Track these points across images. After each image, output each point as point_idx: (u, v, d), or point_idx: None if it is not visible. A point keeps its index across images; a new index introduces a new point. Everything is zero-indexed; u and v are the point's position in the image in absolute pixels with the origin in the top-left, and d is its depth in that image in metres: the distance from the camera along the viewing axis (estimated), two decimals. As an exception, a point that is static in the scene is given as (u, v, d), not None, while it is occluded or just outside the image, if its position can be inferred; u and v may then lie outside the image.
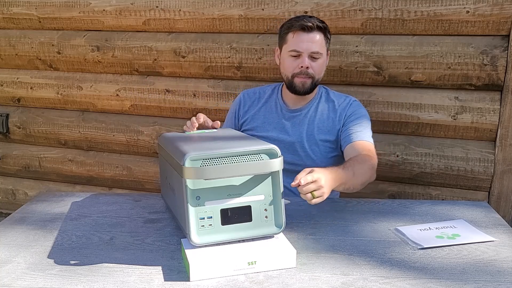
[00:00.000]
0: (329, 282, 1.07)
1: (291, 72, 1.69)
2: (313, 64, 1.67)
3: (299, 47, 1.65)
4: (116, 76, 2.47)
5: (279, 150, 1.16)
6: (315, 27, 1.65)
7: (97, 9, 2.36)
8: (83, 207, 1.54)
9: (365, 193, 2.20)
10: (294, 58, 1.68)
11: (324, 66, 1.73)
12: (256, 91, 1.89)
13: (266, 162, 1.14)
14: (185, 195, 1.13)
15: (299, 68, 1.66)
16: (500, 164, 1.99)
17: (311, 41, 1.65)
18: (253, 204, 1.17)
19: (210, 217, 1.14)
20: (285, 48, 1.70)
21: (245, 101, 1.87)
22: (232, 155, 1.13)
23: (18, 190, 2.81)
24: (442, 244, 1.24)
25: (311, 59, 1.66)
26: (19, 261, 1.18)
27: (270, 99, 1.84)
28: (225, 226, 1.15)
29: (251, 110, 1.85)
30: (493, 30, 1.89)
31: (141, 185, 2.57)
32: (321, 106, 1.77)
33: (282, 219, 1.19)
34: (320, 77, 1.72)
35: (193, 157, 1.11)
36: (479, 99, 1.97)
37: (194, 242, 1.12)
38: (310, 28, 1.64)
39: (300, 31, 1.65)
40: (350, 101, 1.77)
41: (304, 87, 1.69)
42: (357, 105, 1.77)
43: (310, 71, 1.67)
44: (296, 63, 1.67)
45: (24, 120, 2.68)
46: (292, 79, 1.69)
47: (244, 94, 1.90)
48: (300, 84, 1.69)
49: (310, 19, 1.66)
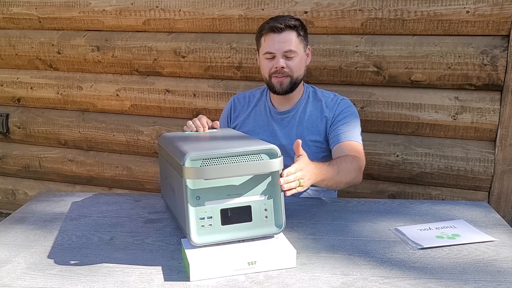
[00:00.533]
0: (329, 282, 1.07)
1: (268, 72, 1.70)
2: (289, 63, 1.67)
3: (271, 48, 1.67)
4: (116, 76, 2.47)
5: (279, 150, 1.16)
6: (285, 27, 1.65)
7: (97, 9, 2.36)
8: (83, 207, 1.54)
9: (365, 193, 2.20)
10: (270, 60, 1.69)
11: (303, 63, 1.72)
12: (246, 95, 1.90)
13: (266, 162, 1.14)
14: (185, 195, 1.13)
15: (274, 68, 1.68)
16: (500, 164, 1.99)
17: (282, 41, 1.65)
18: (253, 204, 1.17)
19: (210, 217, 1.14)
20: (261, 51, 1.73)
21: (235, 106, 1.89)
22: (232, 155, 1.13)
23: (18, 190, 2.81)
24: (442, 244, 1.24)
25: (285, 58, 1.67)
26: (19, 261, 1.18)
27: (260, 102, 1.84)
28: (225, 226, 1.15)
29: (241, 115, 1.86)
30: (493, 30, 1.89)
31: (141, 185, 2.57)
32: (309, 106, 1.77)
33: (282, 219, 1.19)
34: (300, 75, 1.72)
35: (193, 157, 1.10)
36: (479, 99, 1.97)
37: (194, 242, 1.12)
38: (280, 29, 1.65)
39: (271, 33, 1.66)
40: (337, 100, 1.76)
41: (282, 86, 1.69)
42: (344, 103, 1.76)
43: (286, 70, 1.67)
44: (271, 64, 1.69)
45: (24, 120, 2.68)
46: (270, 79, 1.71)
47: (234, 99, 1.91)
48: (278, 84, 1.69)
49: (281, 19, 1.67)
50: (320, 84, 2.12)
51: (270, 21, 1.69)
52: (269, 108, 1.81)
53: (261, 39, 1.71)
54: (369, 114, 2.10)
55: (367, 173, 2.16)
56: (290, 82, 1.69)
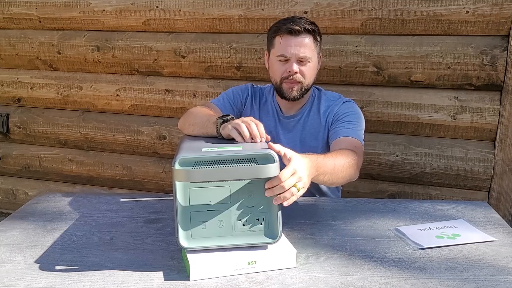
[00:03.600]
0: (329, 282, 1.07)
1: (280, 76, 1.62)
2: (302, 69, 1.59)
3: (286, 51, 1.58)
4: (116, 76, 2.48)
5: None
6: (303, 30, 1.57)
7: (97, 9, 2.36)
8: (83, 207, 1.54)
9: (365, 193, 2.20)
10: (282, 63, 1.60)
11: (314, 70, 1.65)
12: (262, 90, 1.80)
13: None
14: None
15: (287, 72, 1.59)
16: (499, 164, 1.99)
17: (299, 45, 1.57)
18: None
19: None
20: (273, 52, 1.63)
21: (251, 96, 1.78)
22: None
23: (18, 190, 2.81)
24: (442, 244, 1.24)
25: (299, 63, 1.59)
26: (19, 261, 1.18)
27: (267, 102, 1.77)
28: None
29: (252, 108, 1.77)
30: (492, 30, 1.89)
31: (141, 185, 2.57)
32: (313, 110, 1.71)
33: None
34: (311, 82, 1.64)
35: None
36: (478, 99, 1.98)
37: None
38: (298, 32, 1.56)
39: (287, 34, 1.57)
40: (340, 102, 1.69)
41: (292, 92, 1.62)
42: (348, 104, 1.69)
43: (298, 76, 1.59)
44: (284, 68, 1.60)
45: (24, 120, 2.69)
46: (280, 84, 1.63)
47: (251, 88, 1.80)
48: (288, 89, 1.62)
49: (298, 21, 1.58)
50: (320, 84, 2.11)
51: (286, 21, 1.59)
52: (276, 110, 1.74)
53: (275, 39, 1.61)
54: (369, 114, 2.10)
55: (367, 173, 2.16)
56: (300, 88, 1.62)
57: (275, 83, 1.66)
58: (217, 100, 1.75)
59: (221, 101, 1.74)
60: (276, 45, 1.61)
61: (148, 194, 1.72)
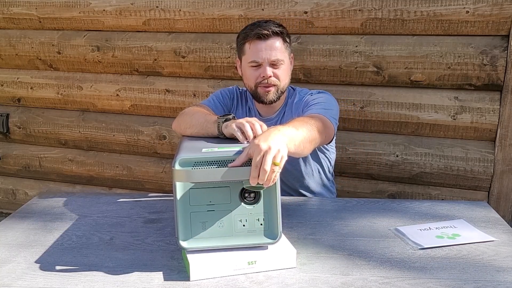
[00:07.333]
0: (329, 282, 1.07)
1: (254, 82, 1.62)
2: (276, 72, 1.60)
3: (258, 57, 1.58)
4: (116, 76, 2.48)
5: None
6: (272, 34, 1.57)
7: (97, 9, 2.36)
8: (83, 207, 1.54)
9: (365, 193, 2.20)
10: (255, 68, 1.60)
11: (288, 71, 1.65)
12: (246, 93, 1.79)
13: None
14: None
15: (261, 77, 1.60)
16: (499, 164, 1.99)
17: (269, 49, 1.57)
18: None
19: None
20: (245, 59, 1.63)
21: (237, 98, 1.79)
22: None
23: (18, 190, 2.81)
24: (442, 244, 1.24)
25: (272, 66, 1.59)
26: (19, 261, 1.18)
27: (247, 104, 1.78)
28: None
29: (239, 109, 1.78)
30: (492, 30, 1.89)
31: (141, 185, 2.57)
32: (287, 109, 1.71)
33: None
34: (286, 83, 1.65)
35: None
36: (478, 99, 1.98)
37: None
38: (267, 36, 1.56)
39: (257, 40, 1.57)
40: (312, 93, 1.68)
41: (268, 95, 1.62)
42: (317, 93, 1.67)
43: (273, 79, 1.60)
44: (257, 73, 1.60)
45: (24, 120, 2.69)
46: (255, 89, 1.63)
47: (236, 91, 1.81)
48: (263, 93, 1.62)
49: (265, 25, 1.58)
50: (320, 84, 2.13)
51: (253, 27, 1.60)
52: (255, 112, 1.74)
53: (245, 46, 1.61)
54: (369, 114, 2.10)
55: (367, 173, 2.17)
56: (276, 91, 1.62)
57: (250, 89, 1.66)
58: (208, 101, 1.75)
59: (212, 102, 1.74)
60: (247, 51, 1.61)
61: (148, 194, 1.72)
